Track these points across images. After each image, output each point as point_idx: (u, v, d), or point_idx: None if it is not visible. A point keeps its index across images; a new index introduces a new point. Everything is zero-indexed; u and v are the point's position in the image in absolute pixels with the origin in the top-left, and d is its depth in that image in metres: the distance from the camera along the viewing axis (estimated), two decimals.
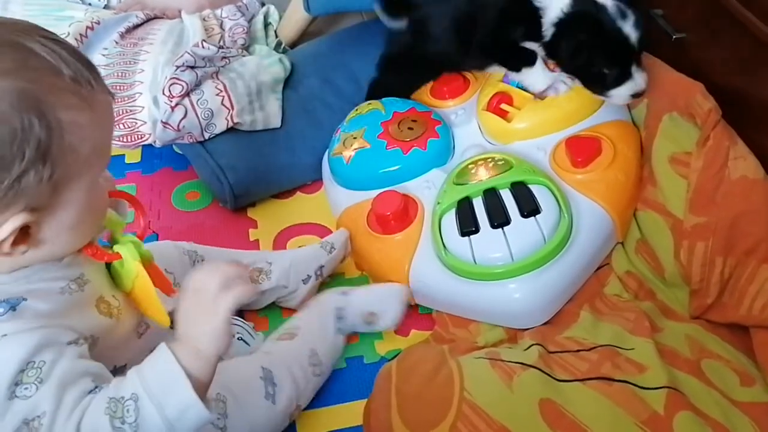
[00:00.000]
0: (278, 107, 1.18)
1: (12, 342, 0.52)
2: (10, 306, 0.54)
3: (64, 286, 0.58)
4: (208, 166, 1.14)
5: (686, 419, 0.75)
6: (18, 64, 0.50)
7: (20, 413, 0.51)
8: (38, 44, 0.51)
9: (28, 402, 0.51)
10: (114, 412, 0.51)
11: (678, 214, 0.93)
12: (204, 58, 1.14)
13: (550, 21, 0.96)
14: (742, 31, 0.92)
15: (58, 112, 0.51)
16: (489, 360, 0.84)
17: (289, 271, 0.97)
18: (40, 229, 0.54)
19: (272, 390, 0.79)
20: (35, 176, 0.50)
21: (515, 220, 0.91)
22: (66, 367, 0.53)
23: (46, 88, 0.50)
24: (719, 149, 0.89)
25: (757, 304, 0.85)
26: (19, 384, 0.51)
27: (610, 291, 0.95)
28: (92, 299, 0.61)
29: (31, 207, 0.52)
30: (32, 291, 0.56)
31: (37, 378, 0.51)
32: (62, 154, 0.51)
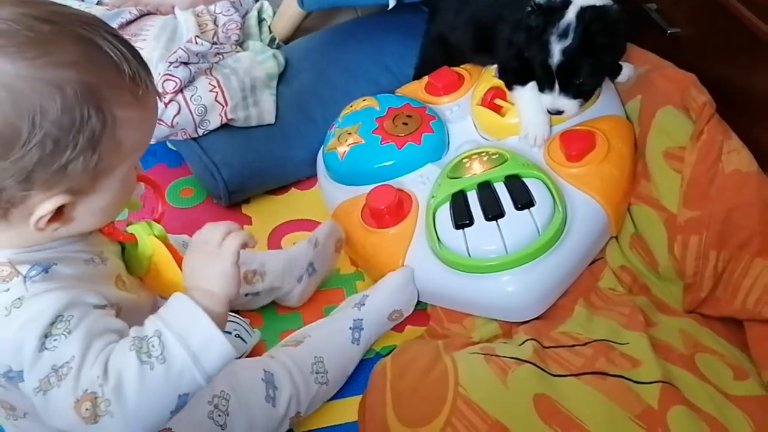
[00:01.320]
0: (272, 103, 1.17)
1: (43, 298, 0.54)
2: (43, 268, 0.56)
3: (89, 258, 0.61)
4: (202, 162, 1.14)
5: (680, 413, 0.75)
6: (84, 57, 0.52)
7: (49, 362, 0.52)
8: (104, 40, 0.53)
9: (56, 352, 0.53)
10: (140, 347, 0.53)
11: (672, 208, 0.93)
12: (197, 54, 1.13)
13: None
14: (736, 25, 0.92)
15: (114, 108, 0.53)
16: (484, 355, 0.84)
17: (282, 272, 0.97)
18: (74, 209, 0.56)
19: (273, 393, 0.79)
20: (83, 163, 0.53)
21: (509, 213, 0.91)
22: (93, 321, 0.55)
23: (107, 83, 0.53)
24: (713, 143, 0.89)
25: (751, 298, 0.85)
26: (49, 336, 0.53)
27: (605, 285, 0.96)
28: (112, 275, 0.64)
29: (72, 190, 0.54)
30: (61, 258, 0.58)
31: (66, 329, 0.53)
32: (110, 146, 0.54)
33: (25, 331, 0.53)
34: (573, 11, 0.92)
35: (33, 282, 0.55)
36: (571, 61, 0.92)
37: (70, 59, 0.51)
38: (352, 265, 1.08)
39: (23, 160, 0.51)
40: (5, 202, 0.53)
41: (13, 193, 0.52)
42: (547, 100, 0.96)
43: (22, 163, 0.51)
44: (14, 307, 0.53)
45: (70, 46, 0.52)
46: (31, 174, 0.51)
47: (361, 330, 0.92)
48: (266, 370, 0.81)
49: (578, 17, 0.91)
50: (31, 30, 0.50)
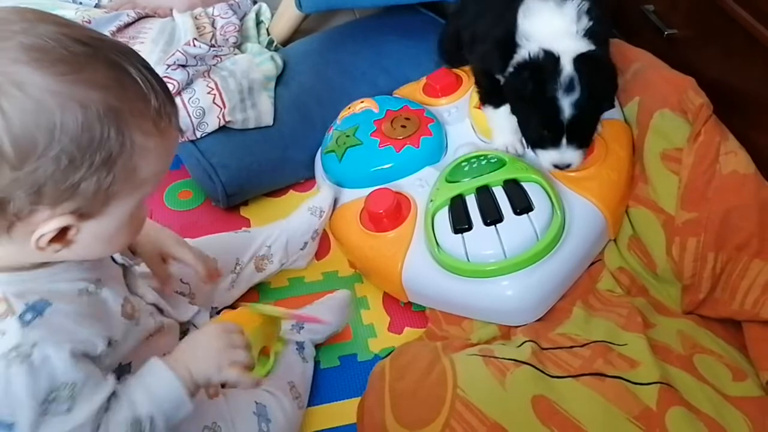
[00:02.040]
0: (270, 105, 1.17)
1: (44, 357, 0.55)
2: (37, 312, 0.56)
3: (83, 288, 0.61)
4: (200, 165, 1.14)
5: (678, 414, 0.75)
6: (113, 81, 0.53)
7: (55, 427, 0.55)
8: (135, 69, 0.55)
9: (60, 419, 0.55)
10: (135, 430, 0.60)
11: (669, 210, 0.93)
12: (195, 56, 1.13)
13: (516, 59, 0.92)
14: (733, 27, 0.92)
15: (135, 134, 0.54)
16: (482, 357, 0.84)
17: (287, 248, 1.02)
18: (78, 232, 0.56)
19: (266, 426, 0.77)
20: (95, 183, 0.53)
21: (508, 218, 0.91)
22: (94, 385, 0.58)
23: (131, 109, 0.54)
24: (710, 145, 0.90)
25: (749, 299, 0.85)
26: (53, 402, 0.55)
27: (603, 286, 0.96)
28: (115, 302, 0.65)
29: (80, 212, 0.54)
30: (53, 292, 0.58)
31: (70, 397, 0.56)
32: (125, 171, 0.54)
33: (25, 391, 0.54)
34: (569, 63, 0.88)
35: (30, 327, 0.55)
36: (582, 113, 0.90)
37: (99, 81, 0.52)
38: (350, 267, 1.09)
39: (36, 172, 0.51)
40: (12, 215, 0.52)
41: (21, 205, 0.52)
42: (554, 156, 0.93)
43: (35, 175, 0.51)
44: (15, 361, 0.53)
45: (102, 70, 0.53)
46: (42, 188, 0.51)
47: (304, 350, 0.91)
48: (258, 402, 0.79)
49: (577, 69, 0.88)
50: (66, 49, 0.51)
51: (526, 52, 0.90)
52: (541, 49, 0.89)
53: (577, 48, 0.89)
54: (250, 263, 0.99)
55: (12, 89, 0.49)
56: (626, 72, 1.08)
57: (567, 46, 0.89)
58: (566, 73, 0.88)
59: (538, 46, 0.89)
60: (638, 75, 1.06)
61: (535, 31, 0.91)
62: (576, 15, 0.90)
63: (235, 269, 0.98)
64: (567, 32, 0.90)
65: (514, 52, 0.92)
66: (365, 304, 1.03)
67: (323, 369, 0.94)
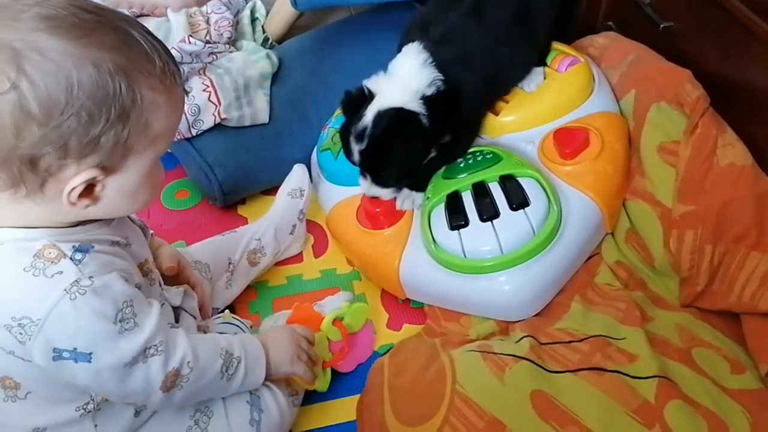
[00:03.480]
0: (266, 103, 1.17)
1: (103, 283, 0.61)
2: (84, 251, 0.62)
3: (115, 240, 0.68)
4: (196, 163, 1.13)
5: (677, 408, 0.75)
6: (120, 43, 0.58)
7: (131, 343, 0.62)
8: (138, 33, 0.60)
9: (134, 334, 0.63)
10: (225, 360, 0.71)
11: (667, 203, 0.93)
12: (191, 54, 1.13)
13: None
14: (729, 19, 0.92)
15: (143, 89, 0.59)
16: (481, 353, 0.84)
17: (277, 236, 1.06)
18: (104, 188, 0.61)
19: (258, 416, 0.78)
20: (114, 136, 0.58)
21: (504, 214, 0.91)
22: (146, 303, 0.65)
23: (138, 67, 0.59)
24: (707, 137, 0.89)
25: (747, 291, 0.85)
26: (123, 320, 0.62)
27: (601, 280, 0.96)
28: (137, 259, 0.71)
29: (103, 165, 0.59)
30: (93, 240, 0.64)
31: (133, 313, 0.63)
32: (138, 125, 0.59)
33: (98, 317, 0.60)
34: (371, 114, 0.91)
35: (83, 264, 0.61)
36: (368, 162, 0.94)
37: (108, 43, 0.57)
38: (348, 265, 1.08)
39: (61, 128, 0.55)
40: (43, 171, 0.57)
41: (51, 161, 0.57)
42: (363, 185, 0.97)
43: (60, 131, 0.55)
44: (78, 293, 0.59)
45: (110, 34, 0.58)
46: (67, 143, 0.56)
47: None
48: (252, 392, 0.79)
49: (374, 122, 0.90)
50: (77, 16, 0.57)
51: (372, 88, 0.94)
52: (367, 88, 0.93)
53: (392, 104, 0.90)
54: (243, 259, 1.01)
55: (33, 54, 0.54)
56: (621, 64, 1.08)
57: (390, 99, 0.91)
58: (363, 123, 0.91)
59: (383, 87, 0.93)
60: (633, 67, 1.05)
61: (393, 70, 0.94)
62: (425, 78, 0.91)
63: (228, 268, 0.99)
64: (404, 88, 0.91)
65: None
66: (364, 301, 1.03)
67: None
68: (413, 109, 0.91)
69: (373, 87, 0.94)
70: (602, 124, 1.01)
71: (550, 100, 1.04)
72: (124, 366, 0.62)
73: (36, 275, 0.59)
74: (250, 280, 1.03)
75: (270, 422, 0.79)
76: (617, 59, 1.09)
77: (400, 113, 0.90)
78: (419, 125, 0.91)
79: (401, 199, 1.00)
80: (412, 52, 0.94)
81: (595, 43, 1.15)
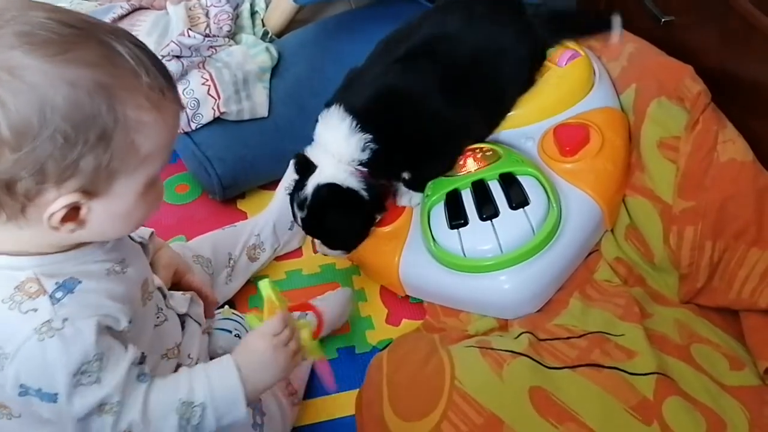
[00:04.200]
0: (265, 96, 1.17)
1: (75, 330, 0.57)
2: (68, 289, 0.58)
3: (110, 267, 0.63)
4: (196, 157, 1.13)
5: (675, 404, 0.75)
6: (101, 59, 0.54)
7: (88, 397, 0.58)
8: (125, 48, 0.56)
9: (92, 389, 0.58)
10: (183, 413, 0.62)
11: (667, 199, 0.92)
12: (190, 47, 1.13)
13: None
14: (731, 13, 0.91)
15: (128, 109, 0.55)
16: (479, 348, 0.84)
17: (276, 231, 1.06)
18: (90, 211, 0.57)
19: (260, 420, 0.77)
20: (94, 160, 0.54)
21: (504, 213, 0.90)
22: (121, 356, 0.60)
23: (122, 85, 0.54)
24: (708, 133, 0.89)
25: (747, 288, 0.85)
26: (85, 373, 0.57)
27: (600, 276, 0.95)
28: (138, 281, 0.66)
29: (85, 189, 0.55)
30: (83, 272, 0.60)
31: (99, 368, 0.58)
32: (123, 146, 0.55)
33: (60, 363, 0.56)
34: (311, 186, 0.91)
35: (61, 305, 0.57)
36: (309, 231, 0.96)
37: (87, 59, 0.53)
38: (347, 260, 1.08)
39: (35, 152, 0.52)
40: (21, 196, 0.54)
41: (28, 186, 0.53)
42: (316, 242, 0.99)
43: (35, 155, 0.52)
44: (47, 335, 0.56)
45: (91, 49, 0.54)
46: (43, 167, 0.53)
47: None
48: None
49: (313, 195, 0.91)
50: (55, 32, 0.53)
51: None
52: (310, 160, 0.93)
53: (329, 179, 0.90)
54: (243, 255, 1.01)
55: (4, 74, 0.51)
56: (621, 56, 1.07)
57: (327, 174, 0.91)
58: (304, 192, 0.92)
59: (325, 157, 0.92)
60: (634, 61, 1.05)
61: (325, 142, 0.92)
62: (357, 146, 0.89)
63: (228, 263, 0.99)
64: (339, 160, 0.90)
65: None
66: (363, 297, 1.03)
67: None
68: (350, 186, 0.90)
69: (313, 157, 0.93)
70: (603, 120, 1.00)
71: (551, 94, 1.03)
72: (78, 420, 0.58)
73: (11, 308, 0.56)
74: (249, 275, 1.03)
75: (272, 425, 0.79)
76: (618, 51, 1.08)
77: (336, 190, 0.90)
78: (357, 200, 0.91)
79: (399, 196, 1.00)
80: (334, 118, 0.91)
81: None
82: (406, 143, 0.92)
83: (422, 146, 0.93)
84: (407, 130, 0.91)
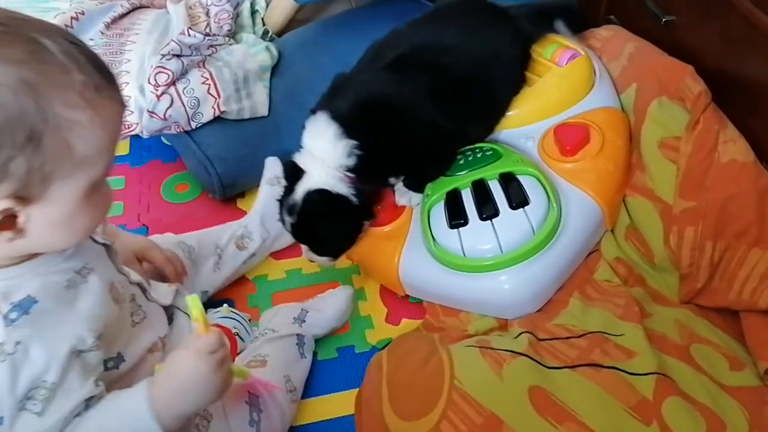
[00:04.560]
0: (265, 95, 1.17)
1: (26, 354, 0.55)
2: (23, 310, 0.56)
3: (71, 278, 0.61)
4: (196, 156, 1.13)
5: (675, 404, 0.75)
6: (29, 56, 0.52)
7: (28, 425, 0.55)
8: (56, 44, 0.53)
9: (35, 419, 0.55)
10: None
11: (667, 199, 0.92)
12: (190, 46, 1.13)
13: None
14: (732, 13, 0.91)
15: (58, 108, 0.52)
16: (479, 348, 0.84)
17: (264, 223, 1.06)
18: (28, 219, 0.55)
19: (257, 416, 0.77)
20: (25, 163, 0.51)
21: (504, 212, 0.90)
22: (70, 389, 0.57)
23: (50, 83, 0.52)
24: (709, 133, 0.89)
25: (747, 288, 0.85)
26: (30, 399, 0.55)
27: (600, 276, 0.95)
28: (102, 287, 0.63)
29: (18, 195, 0.53)
30: (41, 288, 0.58)
31: (45, 398, 0.56)
32: (57, 148, 0.52)
33: (7, 388, 0.54)
34: (301, 192, 0.90)
35: (15, 327, 0.55)
36: (298, 237, 0.95)
37: (11, 57, 0.51)
38: (347, 259, 1.08)
39: None
40: None
41: None
42: (303, 249, 0.98)
43: None
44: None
45: (17, 46, 0.51)
46: None
47: (304, 345, 0.91)
48: (251, 392, 0.78)
49: (303, 200, 0.90)
50: None
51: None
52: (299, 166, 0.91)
53: (319, 184, 0.89)
54: (230, 244, 1.02)
55: None
56: (622, 55, 1.07)
57: (316, 179, 0.89)
58: (293, 198, 0.91)
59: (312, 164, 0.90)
60: (635, 61, 1.04)
61: (312, 148, 0.91)
62: (343, 152, 0.88)
63: (215, 252, 1.00)
64: (327, 165, 0.89)
65: None
66: (363, 296, 1.03)
67: (321, 360, 0.94)
68: (340, 192, 0.89)
69: (301, 163, 0.91)
70: (603, 120, 1.00)
71: (551, 94, 1.03)
72: None
73: None
74: (239, 264, 1.02)
75: (270, 421, 0.79)
76: (618, 50, 1.08)
77: (326, 196, 0.89)
78: (347, 206, 0.90)
79: (399, 196, 0.99)
80: (320, 124, 0.90)
81: (597, 35, 1.14)
82: (392, 150, 0.91)
83: (410, 153, 0.92)
84: (393, 137, 0.90)
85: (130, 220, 1.16)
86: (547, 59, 1.06)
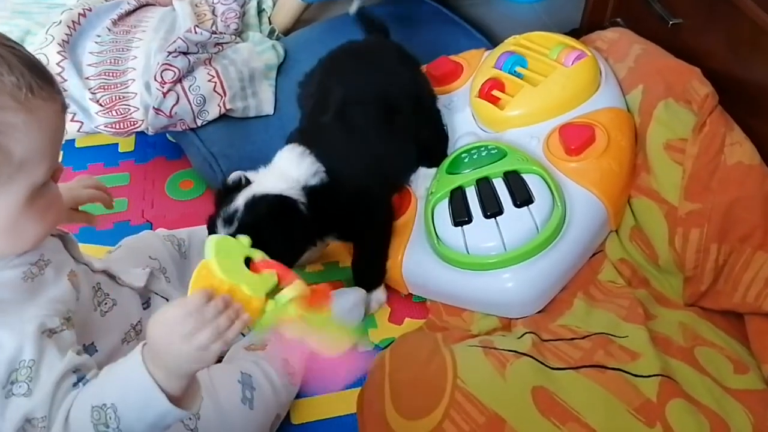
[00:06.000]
0: (271, 94, 1.17)
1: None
2: None
3: (26, 270, 0.60)
4: (201, 154, 1.13)
5: (679, 407, 0.75)
6: None
7: (20, 409, 0.54)
8: None
9: (23, 400, 0.55)
10: (98, 419, 0.54)
11: (672, 201, 0.92)
12: (197, 44, 1.13)
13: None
14: (738, 16, 0.91)
15: None
16: (482, 348, 0.84)
17: None
18: None
19: (250, 394, 0.77)
20: None
21: (508, 210, 0.90)
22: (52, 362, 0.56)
23: None
24: (715, 135, 0.89)
25: (752, 292, 0.84)
26: (14, 383, 0.55)
27: (605, 277, 0.95)
28: (61, 276, 0.62)
29: None
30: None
31: (28, 377, 0.55)
32: None
33: None
34: (243, 198, 0.82)
35: None
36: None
37: None
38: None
39: None
40: None
41: None
42: None
43: None
44: None
45: None
46: None
47: None
48: (243, 371, 0.79)
49: (246, 207, 0.81)
50: None
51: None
52: (245, 176, 0.86)
53: (268, 190, 0.83)
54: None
55: None
56: (628, 57, 1.07)
57: (265, 186, 0.84)
58: (233, 206, 0.82)
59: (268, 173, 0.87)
60: (641, 63, 1.04)
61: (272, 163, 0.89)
62: (307, 168, 0.86)
63: None
64: (283, 176, 0.86)
65: None
66: None
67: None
68: (292, 196, 0.83)
69: (250, 176, 0.86)
70: (608, 120, 1.00)
71: (556, 94, 1.03)
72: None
73: None
74: None
75: (264, 399, 0.78)
76: (624, 52, 1.08)
77: (276, 199, 0.82)
78: (297, 213, 0.83)
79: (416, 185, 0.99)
80: (290, 148, 0.89)
81: (603, 37, 1.14)
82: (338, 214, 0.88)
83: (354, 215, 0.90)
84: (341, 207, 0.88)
85: (134, 216, 1.16)
86: (553, 59, 1.06)
